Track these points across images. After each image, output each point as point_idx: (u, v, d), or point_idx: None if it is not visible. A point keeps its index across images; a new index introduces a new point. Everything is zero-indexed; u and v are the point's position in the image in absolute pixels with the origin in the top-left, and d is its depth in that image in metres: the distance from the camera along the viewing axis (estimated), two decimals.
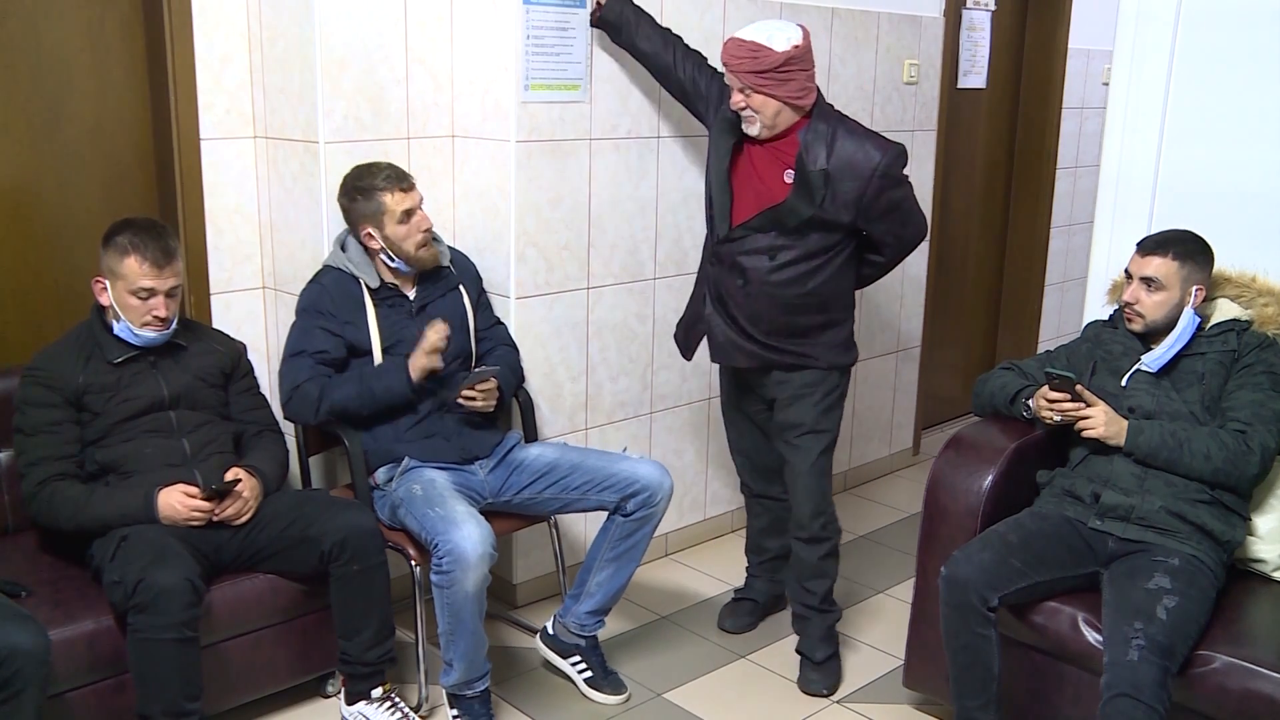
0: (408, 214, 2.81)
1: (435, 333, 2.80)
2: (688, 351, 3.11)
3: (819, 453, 2.96)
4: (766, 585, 3.37)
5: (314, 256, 3.03)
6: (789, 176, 2.80)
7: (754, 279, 2.85)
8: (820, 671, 3.06)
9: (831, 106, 2.88)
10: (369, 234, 2.83)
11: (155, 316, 2.57)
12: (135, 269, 2.53)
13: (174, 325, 2.63)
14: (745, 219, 2.84)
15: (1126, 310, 2.62)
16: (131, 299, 2.55)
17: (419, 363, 2.79)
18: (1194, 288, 2.56)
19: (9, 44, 2.86)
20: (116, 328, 2.59)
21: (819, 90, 2.85)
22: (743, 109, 2.78)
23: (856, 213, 2.79)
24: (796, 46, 2.73)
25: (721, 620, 3.36)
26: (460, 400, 2.84)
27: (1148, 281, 2.57)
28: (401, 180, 2.82)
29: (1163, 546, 2.47)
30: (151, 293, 2.55)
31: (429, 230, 2.87)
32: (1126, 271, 2.64)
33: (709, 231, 2.99)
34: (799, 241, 2.82)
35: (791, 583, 3.11)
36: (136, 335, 2.59)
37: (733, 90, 2.79)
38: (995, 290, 5.52)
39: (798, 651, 3.11)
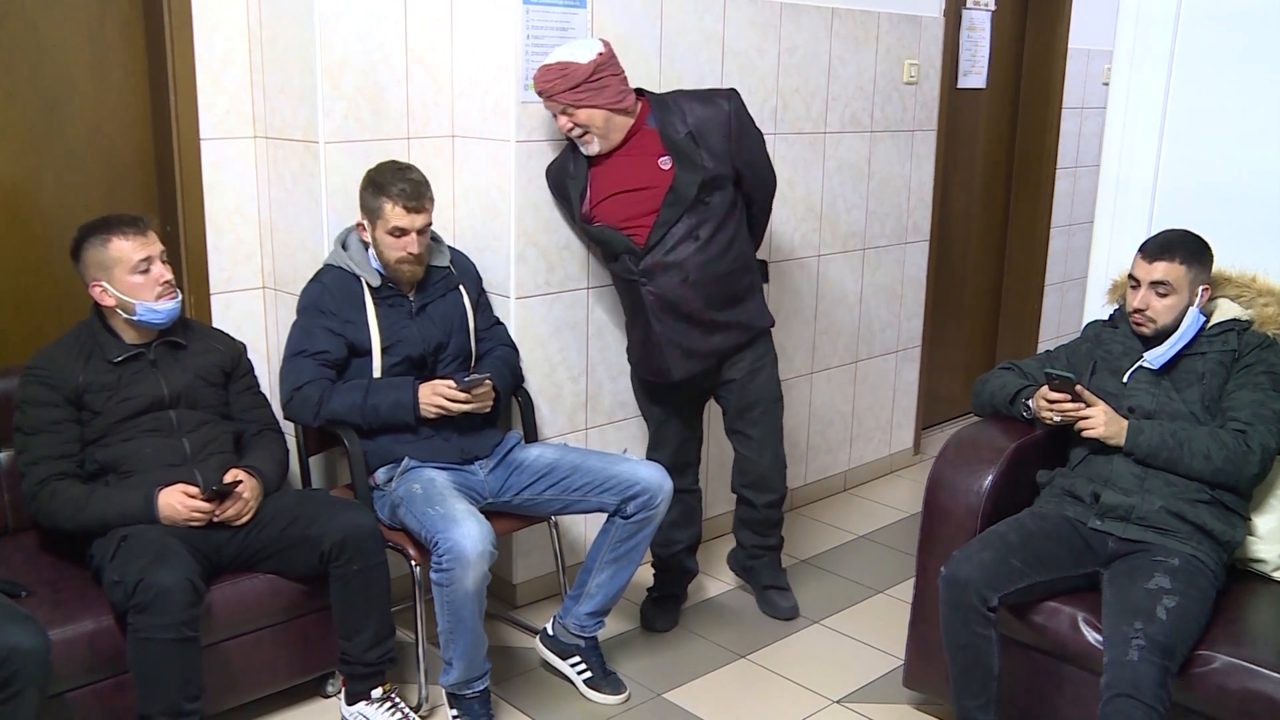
0: (401, 231, 2.78)
1: (476, 401, 2.82)
2: (669, 375, 3.06)
3: (779, 418, 3.22)
4: (679, 577, 3.40)
5: (314, 256, 3.03)
6: (665, 163, 2.92)
7: (692, 266, 2.94)
8: (787, 597, 3.38)
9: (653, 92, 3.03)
10: (362, 226, 2.85)
11: (164, 283, 2.58)
12: (123, 246, 2.54)
13: (179, 296, 2.63)
14: (650, 226, 2.92)
15: (1136, 316, 2.60)
16: (135, 277, 2.55)
17: (436, 404, 2.79)
18: (1200, 288, 2.57)
19: (9, 44, 2.86)
20: (139, 309, 2.56)
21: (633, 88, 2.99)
22: (570, 130, 2.91)
23: (730, 157, 2.95)
24: (600, 54, 2.89)
25: (650, 622, 3.35)
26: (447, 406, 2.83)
27: (1158, 286, 2.56)
28: (410, 200, 2.77)
29: (1163, 546, 2.47)
30: (148, 261, 2.56)
31: (417, 254, 2.82)
32: (1132, 278, 2.62)
33: (618, 265, 3.02)
34: (708, 212, 2.94)
35: (746, 532, 3.38)
36: (158, 311, 2.59)
37: (557, 116, 2.93)
38: (995, 290, 5.52)
39: (763, 587, 3.38)
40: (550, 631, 3.03)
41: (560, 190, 3.12)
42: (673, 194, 2.90)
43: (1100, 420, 2.56)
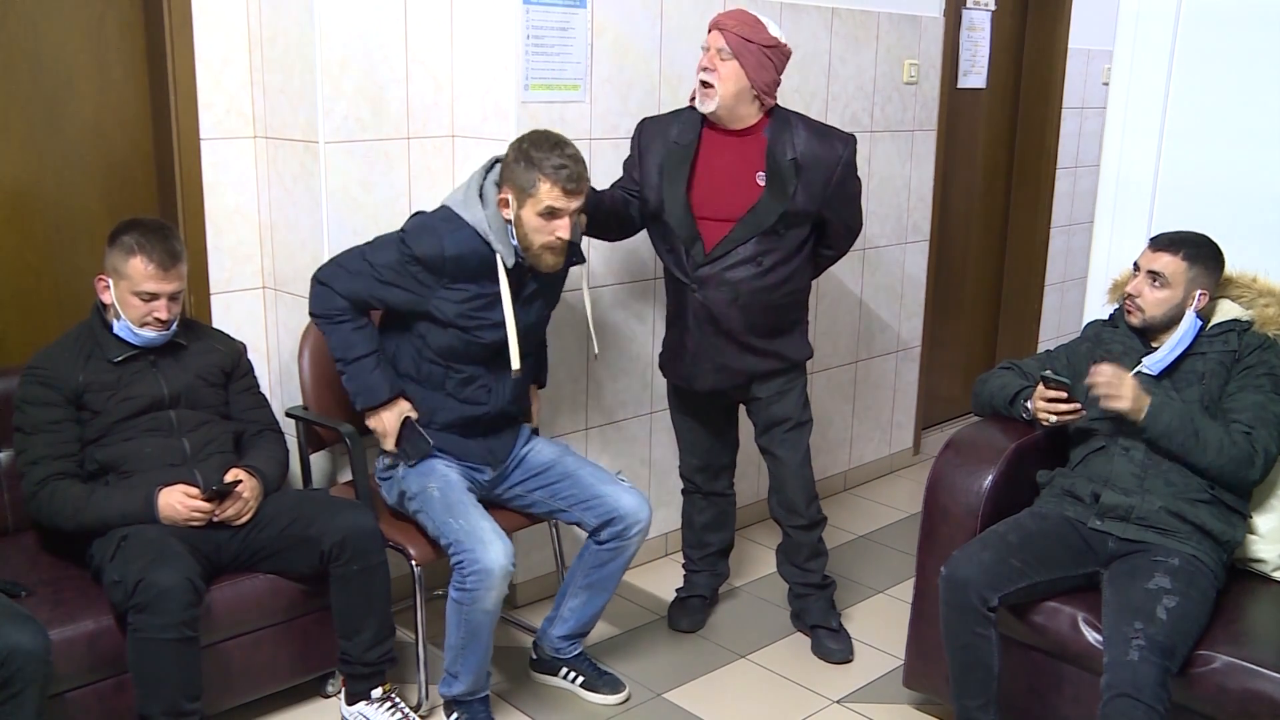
0: (554, 213, 2.56)
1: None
2: (694, 384, 3.04)
3: (806, 443, 3.13)
4: (709, 579, 3.40)
5: (314, 257, 3.02)
6: (761, 179, 2.85)
7: (745, 290, 2.89)
8: (838, 640, 3.21)
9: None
10: (505, 200, 2.62)
11: (156, 318, 2.57)
12: (140, 270, 2.53)
13: (174, 327, 2.63)
14: (721, 235, 2.87)
15: (1127, 302, 2.62)
16: (133, 299, 2.55)
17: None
18: (1198, 291, 2.56)
19: (9, 44, 2.86)
20: (116, 326, 2.59)
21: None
22: (709, 72, 2.80)
23: (822, 202, 2.89)
24: (783, 44, 2.85)
25: (676, 621, 3.35)
26: None
27: (1154, 276, 2.56)
28: (570, 181, 2.54)
29: (1163, 546, 2.47)
30: (154, 296, 2.55)
31: (568, 239, 2.60)
32: (1135, 264, 2.64)
33: (674, 260, 2.95)
34: (779, 243, 2.88)
35: (788, 567, 3.27)
36: (136, 335, 2.59)
37: (706, 53, 2.83)
38: (995, 290, 5.52)
39: (812, 627, 3.25)
40: (534, 655, 3.03)
41: (642, 143, 2.96)
42: (752, 215, 2.84)
43: (1129, 390, 2.48)
